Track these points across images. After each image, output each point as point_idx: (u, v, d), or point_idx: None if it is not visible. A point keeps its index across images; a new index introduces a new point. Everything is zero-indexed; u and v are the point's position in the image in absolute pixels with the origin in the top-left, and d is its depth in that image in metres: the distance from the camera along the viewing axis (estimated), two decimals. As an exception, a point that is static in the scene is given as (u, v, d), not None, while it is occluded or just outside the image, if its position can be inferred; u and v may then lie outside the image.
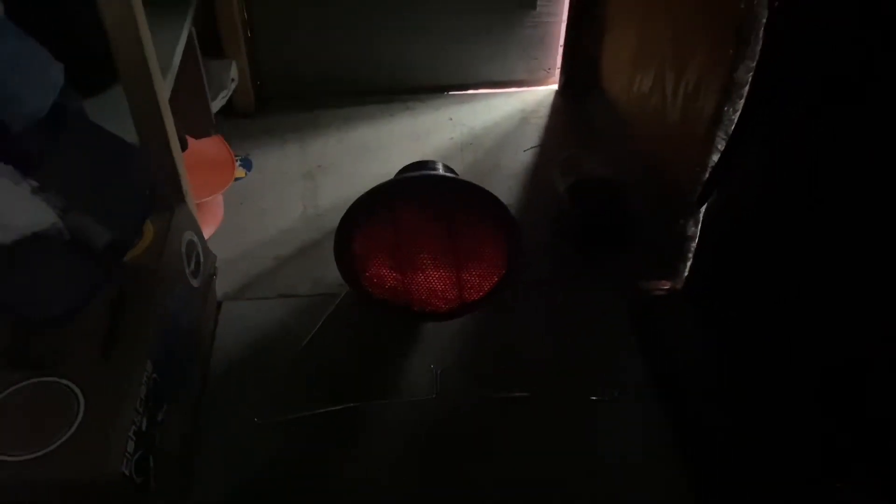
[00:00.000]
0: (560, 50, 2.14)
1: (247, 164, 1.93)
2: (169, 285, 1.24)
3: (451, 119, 2.09)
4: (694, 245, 1.58)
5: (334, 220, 1.75)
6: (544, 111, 2.12)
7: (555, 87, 2.19)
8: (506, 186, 1.87)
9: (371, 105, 2.13)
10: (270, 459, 1.30)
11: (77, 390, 1.06)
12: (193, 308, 1.34)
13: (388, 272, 1.30)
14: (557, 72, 2.17)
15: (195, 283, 1.35)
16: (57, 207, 1.08)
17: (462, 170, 1.92)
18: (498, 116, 2.10)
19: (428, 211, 1.24)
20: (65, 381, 1.06)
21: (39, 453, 0.99)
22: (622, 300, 1.57)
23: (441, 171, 1.42)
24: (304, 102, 2.13)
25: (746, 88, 1.33)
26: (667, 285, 1.65)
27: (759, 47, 1.27)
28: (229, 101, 1.96)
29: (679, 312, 1.60)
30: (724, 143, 1.40)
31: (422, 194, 1.23)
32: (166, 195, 1.35)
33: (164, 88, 1.31)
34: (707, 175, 1.45)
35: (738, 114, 1.36)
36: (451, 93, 2.19)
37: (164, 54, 1.50)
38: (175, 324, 1.26)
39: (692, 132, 1.51)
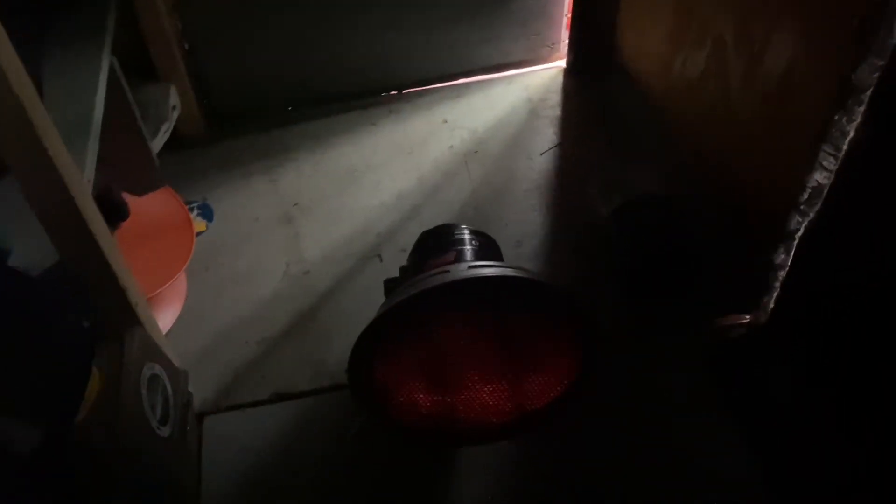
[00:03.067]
0: (566, 20, 1.77)
1: (206, 213, 1.56)
2: (131, 460, 0.90)
3: (445, 121, 1.73)
4: (783, 274, 1.27)
5: (326, 278, 1.44)
6: (555, 98, 1.76)
7: (562, 64, 1.83)
8: (527, 205, 1.53)
9: (347, 113, 1.75)
10: None
11: None
12: (167, 468, 1.01)
13: (423, 396, 0.97)
14: (564, 46, 1.81)
15: (165, 431, 1.01)
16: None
17: (471, 188, 1.58)
18: (501, 111, 1.74)
19: (473, 320, 0.91)
20: None
21: None
22: (704, 363, 1.26)
23: (469, 249, 1.07)
24: (265, 120, 1.74)
25: (870, 93, 1.00)
26: (747, 319, 1.34)
27: (892, 42, 0.94)
28: (173, 132, 1.57)
29: (767, 356, 1.31)
30: (832, 161, 1.08)
31: (460, 305, 0.89)
32: (110, 322, 1.00)
33: (81, 181, 0.94)
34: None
35: (854, 124, 1.03)
36: (440, 85, 1.81)
37: (77, 111, 1.13)
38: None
39: (781, 141, 1.18)
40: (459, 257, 1.04)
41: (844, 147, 1.06)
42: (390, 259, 1.45)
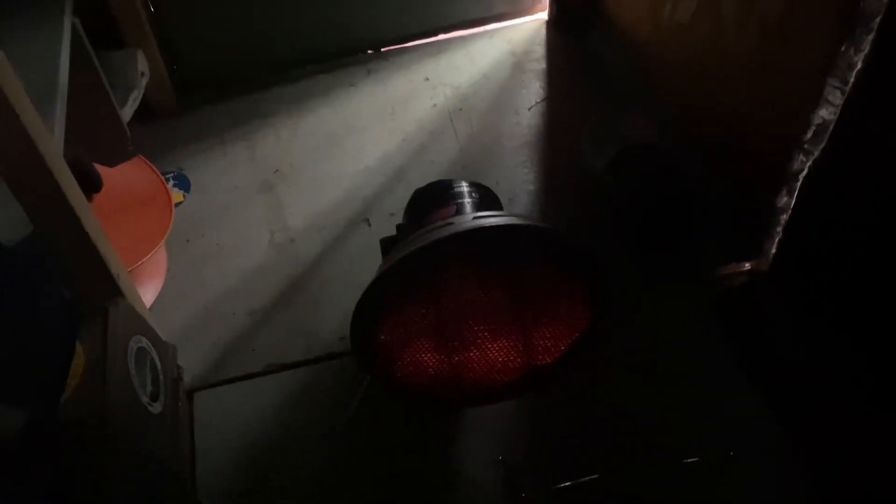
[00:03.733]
0: (546, -30, 1.71)
1: (182, 183, 1.49)
2: (123, 440, 0.84)
3: (427, 79, 1.67)
4: (785, 218, 1.24)
5: (314, 246, 1.38)
6: (539, 51, 1.71)
7: (544, 16, 1.77)
8: (517, 161, 1.48)
9: (324, 75, 1.68)
10: None
11: None
12: (160, 447, 0.95)
13: (429, 356, 0.93)
14: (545, -2, 1.75)
15: (157, 408, 0.96)
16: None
17: (458, 147, 1.52)
18: (484, 67, 1.68)
19: (479, 274, 0.86)
20: None
21: None
22: (701, 304, 1.23)
23: (469, 201, 1.02)
24: (238, 86, 1.66)
25: (879, 20, 0.96)
26: (747, 267, 1.31)
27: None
28: (142, 102, 1.49)
29: (771, 302, 1.28)
30: (838, 95, 1.04)
31: (467, 256, 0.84)
32: (91, 295, 0.94)
33: (52, 144, 0.88)
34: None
35: (862, 54, 1.00)
36: (418, 43, 1.74)
37: (41, 74, 1.06)
38: (148, 482, 0.88)
39: (782, 78, 1.14)
40: (460, 210, 0.99)
41: (851, 80, 1.02)
42: (379, 223, 1.40)
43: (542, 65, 1.68)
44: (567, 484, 1.02)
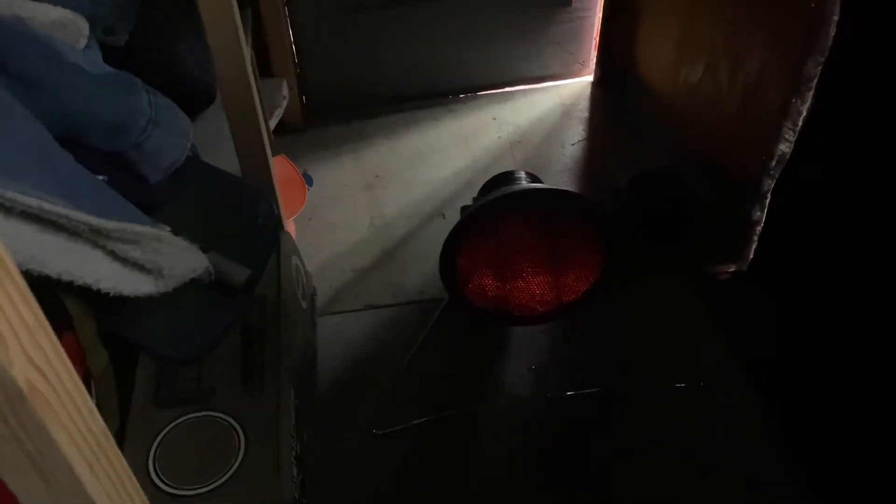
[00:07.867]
0: (594, 42, 2.19)
1: (308, 180, 1.97)
2: (291, 313, 1.29)
3: (494, 118, 2.15)
4: (759, 229, 1.65)
5: (402, 229, 1.84)
6: (584, 104, 2.18)
7: (590, 78, 2.25)
8: (560, 181, 1.93)
9: (415, 111, 2.18)
10: (394, 466, 1.37)
11: (234, 423, 1.11)
12: (307, 330, 1.40)
13: (490, 282, 1.36)
14: (592, 64, 2.23)
15: (304, 304, 1.41)
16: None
17: (514, 168, 1.98)
18: (540, 112, 2.16)
19: (529, 223, 1.30)
20: (221, 416, 1.12)
21: (214, 485, 1.05)
22: (692, 287, 1.65)
23: (525, 180, 1.48)
24: (349, 114, 2.17)
25: (815, 81, 1.41)
26: (732, 269, 1.73)
27: (828, 43, 1.35)
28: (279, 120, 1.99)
29: (746, 295, 1.69)
30: (791, 133, 1.48)
31: (523, 208, 1.29)
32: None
33: (265, 121, 1.36)
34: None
35: (806, 105, 1.44)
36: (489, 92, 2.24)
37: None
38: (300, 348, 1.32)
39: (755, 122, 1.58)
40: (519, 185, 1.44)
41: (800, 123, 1.46)
42: (451, 217, 1.85)
43: (586, 114, 2.15)
44: (571, 393, 1.43)
